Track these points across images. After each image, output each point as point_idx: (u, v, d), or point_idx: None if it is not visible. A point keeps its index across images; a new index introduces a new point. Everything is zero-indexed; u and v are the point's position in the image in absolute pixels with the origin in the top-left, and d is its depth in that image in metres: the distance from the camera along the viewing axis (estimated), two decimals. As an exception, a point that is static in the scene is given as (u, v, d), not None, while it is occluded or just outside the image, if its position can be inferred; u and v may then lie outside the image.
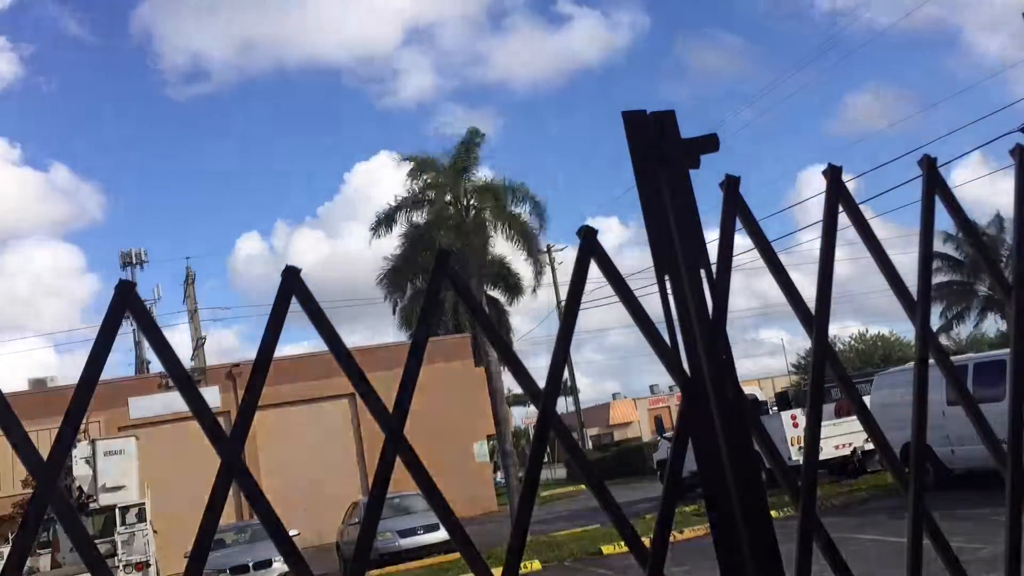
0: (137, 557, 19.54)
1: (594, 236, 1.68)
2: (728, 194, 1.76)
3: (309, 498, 32.70)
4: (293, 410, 32.04)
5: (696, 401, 1.64)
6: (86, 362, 1.41)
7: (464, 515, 28.57)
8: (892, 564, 9.98)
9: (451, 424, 32.32)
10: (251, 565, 18.22)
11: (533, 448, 1.64)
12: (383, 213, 22.94)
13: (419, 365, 1.56)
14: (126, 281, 1.46)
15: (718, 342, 1.65)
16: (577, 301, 1.67)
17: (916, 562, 1.70)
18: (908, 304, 1.86)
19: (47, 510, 1.35)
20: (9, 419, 1.35)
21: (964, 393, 1.89)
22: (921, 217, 1.89)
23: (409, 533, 19.76)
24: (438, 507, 1.55)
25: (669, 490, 1.66)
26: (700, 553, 12.89)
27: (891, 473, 1.85)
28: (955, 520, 11.23)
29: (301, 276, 1.54)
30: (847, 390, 1.80)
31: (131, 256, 43.47)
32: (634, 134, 1.71)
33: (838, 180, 1.83)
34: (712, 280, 1.70)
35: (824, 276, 1.78)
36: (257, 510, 1.48)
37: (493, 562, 1.88)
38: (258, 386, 1.48)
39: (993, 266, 2.08)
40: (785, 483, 1.70)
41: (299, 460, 32.25)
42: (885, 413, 14.56)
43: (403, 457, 1.55)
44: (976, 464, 14.25)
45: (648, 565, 1.58)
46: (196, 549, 1.42)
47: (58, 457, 1.36)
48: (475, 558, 1.53)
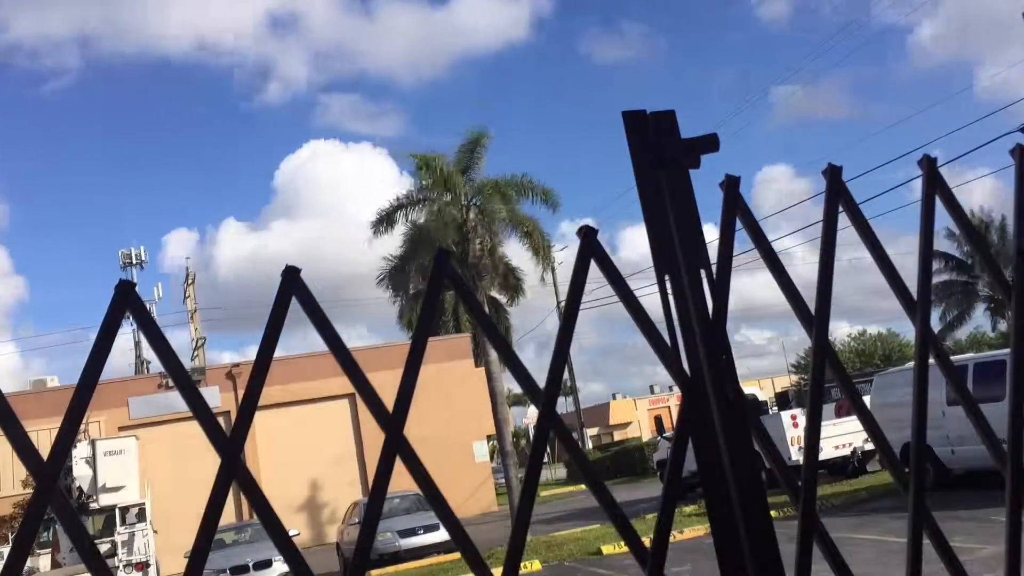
0: (137, 557, 19.55)
1: (594, 236, 1.68)
2: (728, 194, 1.76)
3: (309, 498, 32.73)
4: (293, 410, 32.04)
5: (696, 401, 1.64)
6: (86, 362, 1.41)
7: (464, 515, 28.60)
8: (892, 564, 9.99)
9: (451, 424, 32.33)
10: (251, 565, 18.22)
11: (533, 448, 1.64)
12: (383, 212, 22.89)
13: (419, 365, 1.56)
14: (126, 281, 1.45)
15: (718, 342, 1.65)
16: (577, 301, 1.67)
17: (916, 562, 1.70)
18: (908, 304, 1.86)
19: (47, 510, 1.35)
20: (9, 419, 1.35)
21: (964, 393, 1.89)
22: (921, 217, 1.89)
23: (409, 533, 19.76)
24: (438, 507, 1.55)
25: (669, 490, 1.66)
26: (700, 553, 12.91)
27: (891, 473, 1.85)
28: (955, 520, 11.24)
29: (301, 276, 1.54)
30: (847, 390, 1.80)
31: (131, 256, 43.51)
32: (634, 134, 1.71)
33: (838, 180, 1.83)
34: (712, 280, 1.70)
35: (824, 276, 1.78)
36: (257, 510, 1.48)
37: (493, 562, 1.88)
38: (258, 386, 1.48)
39: (993, 266, 2.08)
40: (785, 483, 1.70)
41: (299, 460, 32.25)
42: (885, 413, 14.57)
43: (403, 457, 1.55)
44: (976, 464, 14.26)
45: (648, 565, 1.58)
46: (196, 549, 1.42)
47: (58, 457, 1.36)
48: (475, 558, 1.53)
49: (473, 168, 22.30)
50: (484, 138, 22.58)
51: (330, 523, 31.26)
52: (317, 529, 31.90)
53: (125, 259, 43.42)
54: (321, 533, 31.53)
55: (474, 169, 22.32)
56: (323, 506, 32.98)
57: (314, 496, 32.96)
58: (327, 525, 31.58)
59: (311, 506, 32.74)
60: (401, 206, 22.71)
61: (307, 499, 32.63)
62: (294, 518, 29.87)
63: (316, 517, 32.50)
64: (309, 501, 32.65)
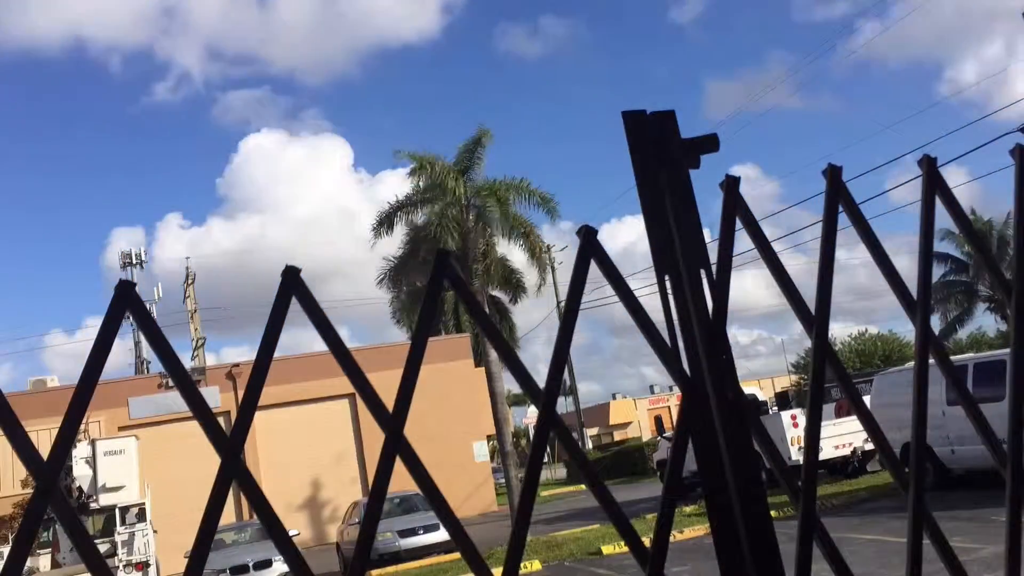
0: (137, 557, 19.54)
1: (594, 236, 1.68)
2: (728, 194, 1.76)
3: (309, 498, 32.73)
4: (293, 410, 32.04)
5: (696, 401, 1.64)
6: (86, 362, 1.41)
7: (464, 515, 28.60)
8: (892, 564, 9.99)
9: (451, 424, 32.33)
10: (251, 565, 18.23)
11: (533, 448, 1.64)
12: (383, 213, 22.87)
13: (419, 365, 1.56)
14: (126, 281, 1.45)
15: (718, 342, 1.65)
16: (577, 301, 1.67)
17: (916, 562, 1.70)
18: (908, 304, 1.86)
19: (47, 510, 1.35)
20: (9, 419, 1.35)
21: (964, 393, 1.88)
22: (921, 217, 1.89)
23: (409, 533, 19.77)
24: (438, 507, 1.55)
25: (669, 490, 1.66)
26: (700, 553, 12.91)
27: (891, 473, 1.85)
28: (955, 520, 11.24)
29: (301, 276, 1.54)
30: (847, 390, 1.80)
31: (131, 256, 43.52)
32: (634, 134, 1.71)
33: (838, 180, 1.83)
34: (712, 280, 1.70)
35: (824, 276, 1.78)
36: (257, 510, 1.48)
37: (493, 562, 1.88)
38: (258, 386, 1.48)
39: (993, 266, 2.08)
40: (785, 483, 1.70)
41: (299, 460, 32.25)
42: (885, 413, 14.57)
43: (403, 457, 1.54)
44: (976, 464, 14.25)
45: (648, 565, 1.58)
46: (196, 549, 1.42)
47: (58, 457, 1.36)
48: (475, 558, 1.53)
49: (473, 168, 22.25)
50: (485, 137, 22.49)
51: (330, 523, 31.27)
52: (317, 529, 31.90)
53: (124, 259, 43.44)
54: (321, 533, 31.53)
55: (474, 169, 22.28)
56: (323, 506, 32.99)
57: (314, 496, 32.96)
58: (327, 525, 31.58)
59: (311, 506, 32.74)
60: (401, 207, 22.69)
61: (307, 499, 32.64)
62: (294, 518, 29.88)
63: (316, 517, 32.50)
64: (309, 501, 32.65)
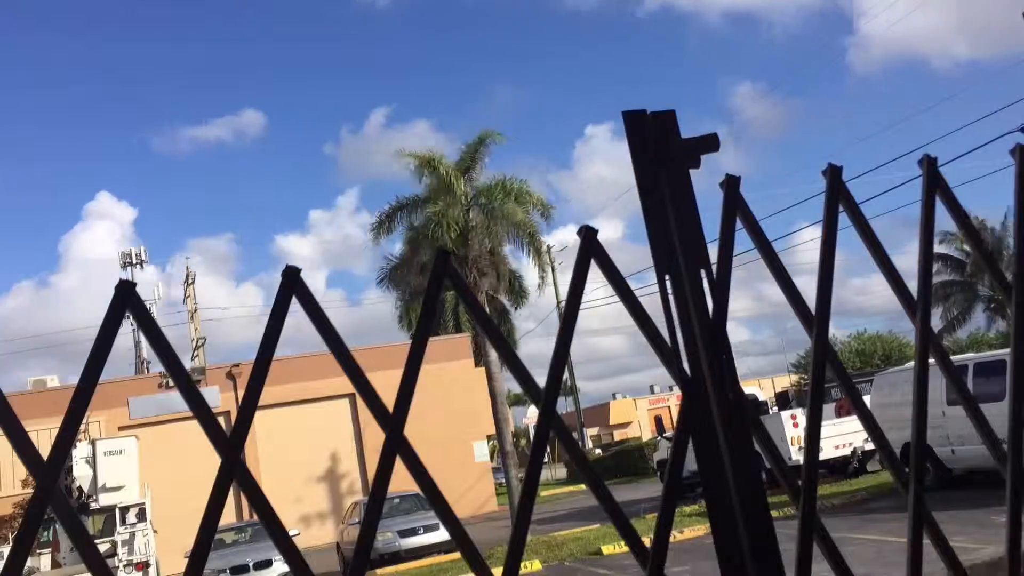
0: (137, 557, 19.53)
1: (594, 236, 1.68)
2: (728, 194, 1.76)
3: (309, 498, 32.72)
4: (293, 410, 32.04)
5: (696, 401, 1.64)
6: (86, 362, 1.41)
7: (464, 515, 28.60)
8: (892, 564, 9.99)
9: (451, 424, 32.33)
10: (251, 565, 18.22)
11: (533, 448, 1.64)
12: (383, 213, 22.85)
13: (419, 365, 1.56)
14: (126, 281, 1.45)
15: (718, 342, 1.65)
16: (577, 301, 1.67)
17: (916, 562, 1.70)
18: (908, 304, 1.86)
19: (47, 510, 1.35)
20: (9, 419, 1.35)
21: (964, 393, 1.88)
22: (921, 217, 1.89)
23: (409, 533, 19.76)
24: (438, 507, 1.55)
25: (669, 490, 1.66)
26: (700, 553, 12.91)
27: (891, 473, 1.85)
28: (955, 520, 11.23)
29: (301, 276, 1.54)
30: (847, 390, 1.80)
31: (131, 256, 43.49)
32: (634, 134, 1.71)
33: (838, 179, 1.83)
34: (712, 280, 1.70)
35: (824, 276, 1.78)
36: (257, 510, 1.48)
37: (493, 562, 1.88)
38: (258, 386, 1.48)
39: (993, 266, 2.08)
40: (785, 483, 1.70)
41: (299, 460, 32.25)
42: (885, 413, 14.59)
43: (403, 457, 1.54)
44: (976, 464, 14.26)
45: (648, 565, 1.58)
46: (196, 549, 1.42)
47: (58, 457, 1.36)
48: (475, 558, 1.53)
49: (474, 168, 22.22)
50: (489, 138, 22.40)
51: (330, 523, 31.29)
52: (317, 529, 31.89)
53: (125, 259, 43.41)
54: (321, 533, 31.52)
55: (475, 169, 22.25)
56: (323, 506, 33.00)
57: (314, 496, 32.96)
58: (327, 525, 31.60)
59: (311, 506, 32.73)
60: (401, 207, 22.66)
61: (307, 499, 32.62)
62: (294, 518, 29.88)
63: (316, 517, 32.50)
64: (309, 501, 32.64)
